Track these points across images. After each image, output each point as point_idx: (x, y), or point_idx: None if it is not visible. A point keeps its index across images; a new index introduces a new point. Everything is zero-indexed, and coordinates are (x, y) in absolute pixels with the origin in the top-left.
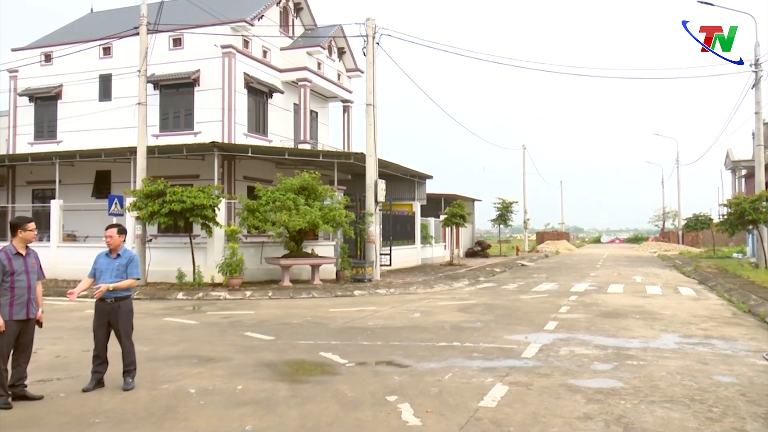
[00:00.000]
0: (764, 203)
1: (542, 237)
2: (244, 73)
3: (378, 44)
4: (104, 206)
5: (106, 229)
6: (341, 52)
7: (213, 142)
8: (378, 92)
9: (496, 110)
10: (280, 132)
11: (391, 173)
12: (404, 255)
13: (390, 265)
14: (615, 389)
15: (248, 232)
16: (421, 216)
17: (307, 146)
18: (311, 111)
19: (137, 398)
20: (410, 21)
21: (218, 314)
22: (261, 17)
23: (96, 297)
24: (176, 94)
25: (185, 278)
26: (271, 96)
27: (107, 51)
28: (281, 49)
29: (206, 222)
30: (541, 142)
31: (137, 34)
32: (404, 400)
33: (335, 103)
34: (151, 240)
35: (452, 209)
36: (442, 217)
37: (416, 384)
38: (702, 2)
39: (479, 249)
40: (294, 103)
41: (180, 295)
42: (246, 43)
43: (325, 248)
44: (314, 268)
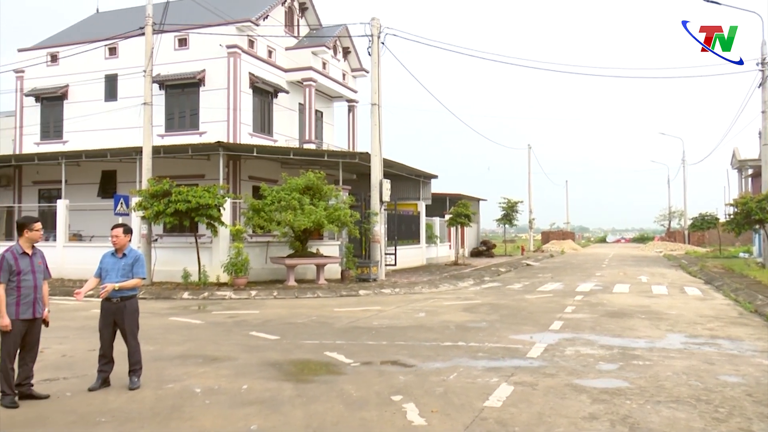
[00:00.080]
0: None
1: (547, 237)
2: (250, 73)
3: (383, 44)
4: (110, 206)
5: (112, 229)
6: (346, 52)
7: (218, 142)
8: (383, 92)
9: (502, 110)
10: (285, 132)
11: (396, 173)
12: (409, 255)
13: (395, 265)
14: (620, 389)
15: (253, 232)
16: (426, 216)
17: (312, 146)
18: (316, 111)
19: (143, 397)
20: (415, 21)
21: (223, 314)
22: (266, 17)
23: (102, 297)
24: (182, 94)
25: (190, 278)
26: (276, 96)
27: (113, 51)
28: (286, 49)
29: (211, 222)
30: (547, 142)
31: (143, 35)
32: (409, 400)
33: (340, 103)
34: (157, 240)
35: (457, 209)
36: (447, 217)
37: (421, 384)
38: (709, 1)
39: (484, 249)
40: (299, 103)
41: (185, 295)
42: (251, 43)
43: (330, 248)
44: (319, 268)
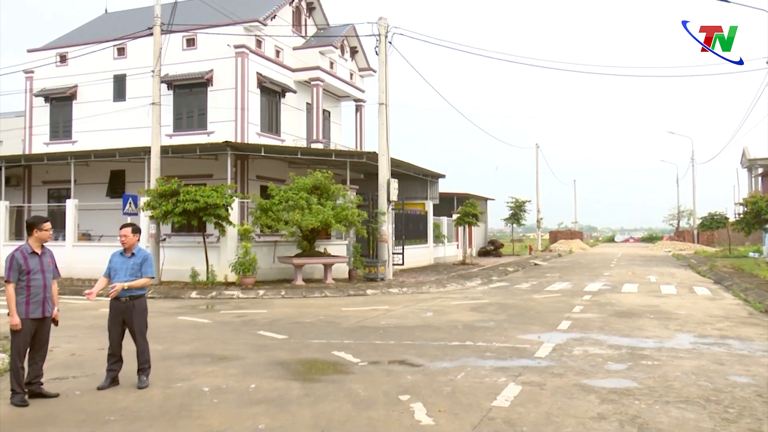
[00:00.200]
0: None
1: (555, 236)
2: (257, 73)
3: (390, 43)
4: (119, 206)
5: (121, 229)
6: (354, 52)
7: (226, 142)
8: (391, 91)
9: (509, 109)
10: (293, 131)
11: (404, 172)
12: (417, 254)
13: (402, 265)
14: (629, 389)
15: (261, 232)
16: (434, 215)
17: (320, 146)
18: (324, 110)
19: (151, 396)
20: (422, 20)
21: (231, 313)
22: (274, 17)
23: (111, 296)
24: (189, 94)
25: (199, 277)
26: (284, 95)
27: (121, 51)
28: (294, 49)
29: (219, 221)
30: (555, 141)
31: (151, 35)
32: (417, 400)
33: (348, 103)
34: (165, 239)
35: (465, 208)
36: (455, 216)
37: (429, 383)
38: None
39: (492, 248)
40: (306, 103)
41: (193, 294)
42: (259, 43)
43: (338, 247)
44: (327, 268)
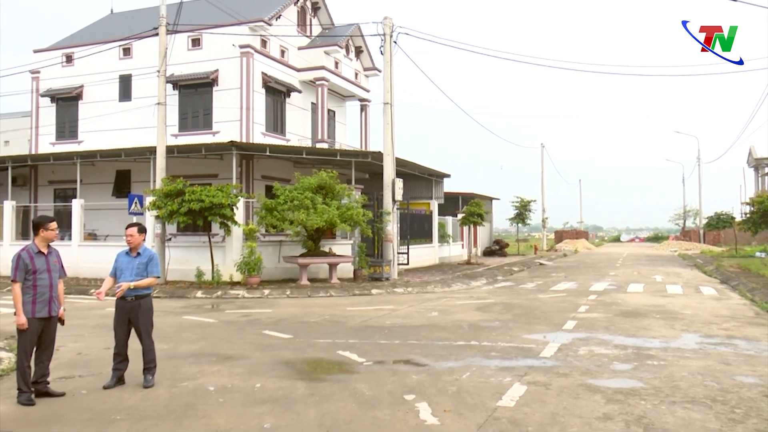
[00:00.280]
0: None
1: (561, 236)
2: (262, 73)
3: (395, 43)
4: (124, 205)
5: (127, 228)
6: (359, 51)
7: (231, 142)
8: (396, 91)
9: (514, 109)
10: (298, 131)
11: (409, 172)
12: (422, 254)
13: (407, 264)
14: (635, 389)
15: (266, 231)
16: (439, 215)
17: (325, 145)
18: (329, 110)
19: (157, 395)
20: (427, 19)
21: (237, 312)
22: (279, 17)
23: (118, 295)
24: (195, 94)
25: (204, 277)
26: (289, 95)
27: (127, 51)
28: (299, 49)
29: (225, 221)
30: (560, 141)
31: (157, 35)
32: (422, 399)
33: (353, 102)
34: (171, 239)
35: (470, 208)
36: (460, 216)
37: (434, 383)
38: None
39: (497, 248)
40: (312, 103)
41: (199, 294)
42: (264, 43)
43: (343, 247)
44: (332, 267)
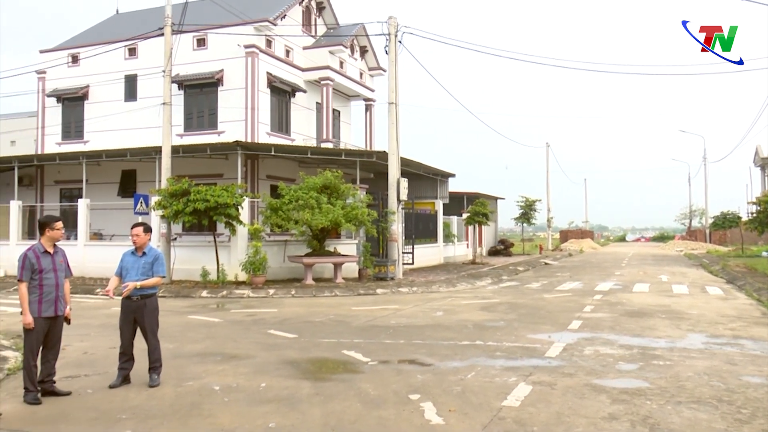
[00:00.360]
0: None
1: (566, 235)
2: (267, 73)
3: (400, 42)
4: (130, 205)
5: (132, 228)
6: (363, 51)
7: (236, 142)
8: (400, 91)
9: (519, 108)
10: (303, 131)
11: (414, 171)
12: (427, 253)
13: (412, 264)
14: (641, 389)
15: (271, 231)
16: (444, 214)
17: (330, 145)
18: (333, 110)
19: (163, 395)
20: (432, 19)
21: (242, 312)
22: (284, 17)
23: (124, 295)
24: (200, 94)
25: (209, 276)
26: (294, 95)
27: (132, 52)
28: (304, 49)
29: (230, 221)
30: (565, 140)
31: (162, 35)
32: (427, 399)
33: (357, 102)
34: (176, 238)
35: (475, 207)
36: (465, 216)
37: (439, 383)
38: None
39: (502, 247)
40: (316, 102)
41: (204, 293)
42: (269, 43)
43: (348, 247)
44: (337, 267)
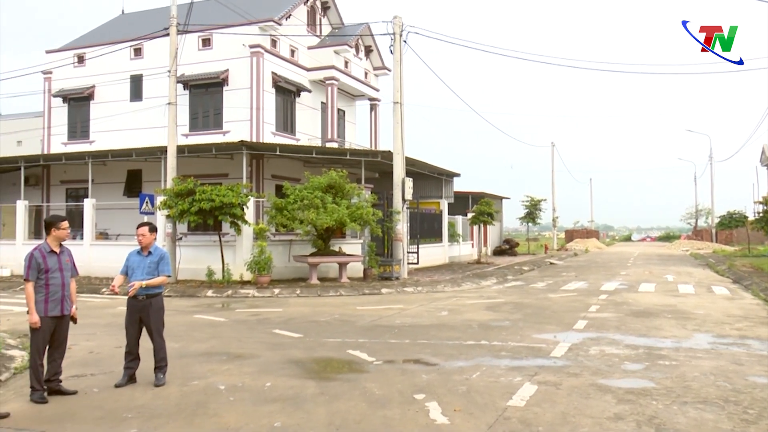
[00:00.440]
0: None
1: (571, 235)
2: (272, 73)
3: (405, 42)
4: (135, 205)
5: (138, 228)
6: (368, 51)
7: (241, 141)
8: (405, 90)
9: (524, 108)
10: (308, 131)
11: (419, 171)
12: (431, 253)
13: (417, 264)
14: (646, 389)
15: (276, 231)
16: (449, 214)
17: (335, 145)
18: (338, 109)
19: (168, 394)
20: (436, 18)
21: (247, 312)
22: (288, 17)
23: (130, 295)
24: (205, 94)
25: (214, 276)
26: (299, 95)
27: (138, 52)
28: (309, 48)
29: (235, 220)
30: (570, 140)
31: (167, 35)
32: (432, 399)
33: (362, 102)
34: (181, 238)
35: (480, 207)
36: (470, 215)
37: (444, 382)
38: None
39: (507, 247)
40: (321, 102)
41: (209, 293)
42: (274, 43)
43: (353, 246)
44: (342, 266)
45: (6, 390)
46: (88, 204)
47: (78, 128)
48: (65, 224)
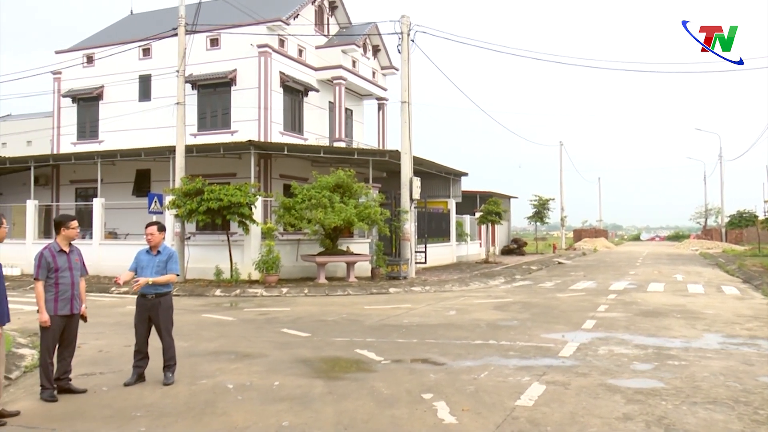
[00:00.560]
0: None
1: (580, 234)
2: (280, 72)
3: (413, 41)
4: (144, 204)
5: (147, 227)
6: (376, 50)
7: (249, 141)
8: (413, 89)
9: (532, 107)
10: (316, 130)
11: (426, 170)
12: (439, 252)
13: (425, 263)
14: (656, 389)
15: (284, 230)
16: (457, 213)
17: (342, 144)
18: (346, 109)
19: (177, 393)
20: (444, 17)
21: (255, 311)
22: (296, 16)
23: (135, 289)
24: (213, 94)
25: (223, 275)
26: (307, 94)
27: (146, 52)
28: (316, 48)
29: (243, 220)
30: (579, 139)
31: (176, 35)
32: (440, 398)
33: (370, 101)
34: (190, 237)
35: (488, 206)
36: (478, 215)
37: (452, 382)
38: None
39: (515, 246)
40: (329, 102)
41: (218, 292)
42: (282, 42)
43: (361, 246)
44: (349, 266)
45: (16, 388)
46: (97, 203)
47: (87, 128)
48: (75, 224)
